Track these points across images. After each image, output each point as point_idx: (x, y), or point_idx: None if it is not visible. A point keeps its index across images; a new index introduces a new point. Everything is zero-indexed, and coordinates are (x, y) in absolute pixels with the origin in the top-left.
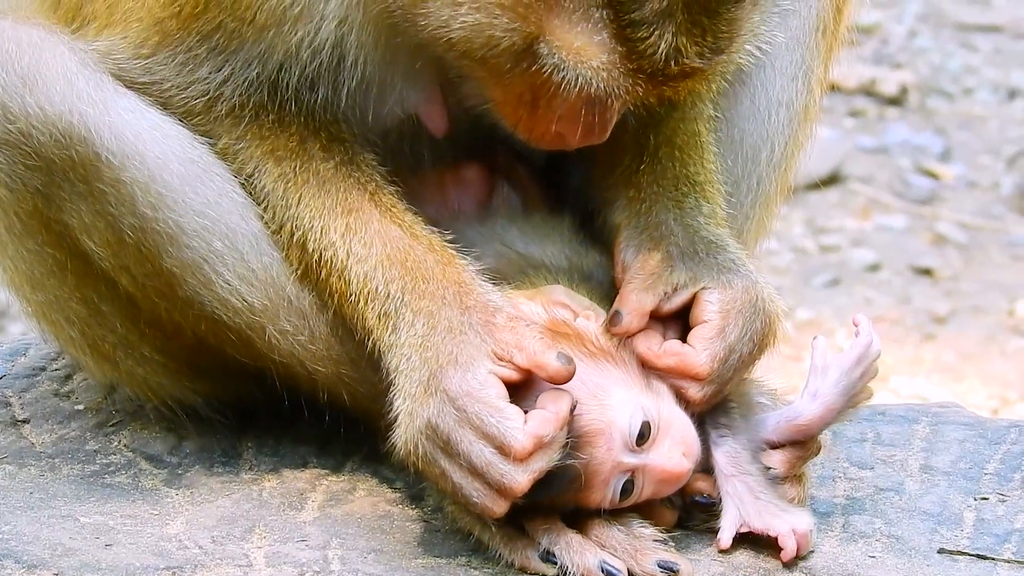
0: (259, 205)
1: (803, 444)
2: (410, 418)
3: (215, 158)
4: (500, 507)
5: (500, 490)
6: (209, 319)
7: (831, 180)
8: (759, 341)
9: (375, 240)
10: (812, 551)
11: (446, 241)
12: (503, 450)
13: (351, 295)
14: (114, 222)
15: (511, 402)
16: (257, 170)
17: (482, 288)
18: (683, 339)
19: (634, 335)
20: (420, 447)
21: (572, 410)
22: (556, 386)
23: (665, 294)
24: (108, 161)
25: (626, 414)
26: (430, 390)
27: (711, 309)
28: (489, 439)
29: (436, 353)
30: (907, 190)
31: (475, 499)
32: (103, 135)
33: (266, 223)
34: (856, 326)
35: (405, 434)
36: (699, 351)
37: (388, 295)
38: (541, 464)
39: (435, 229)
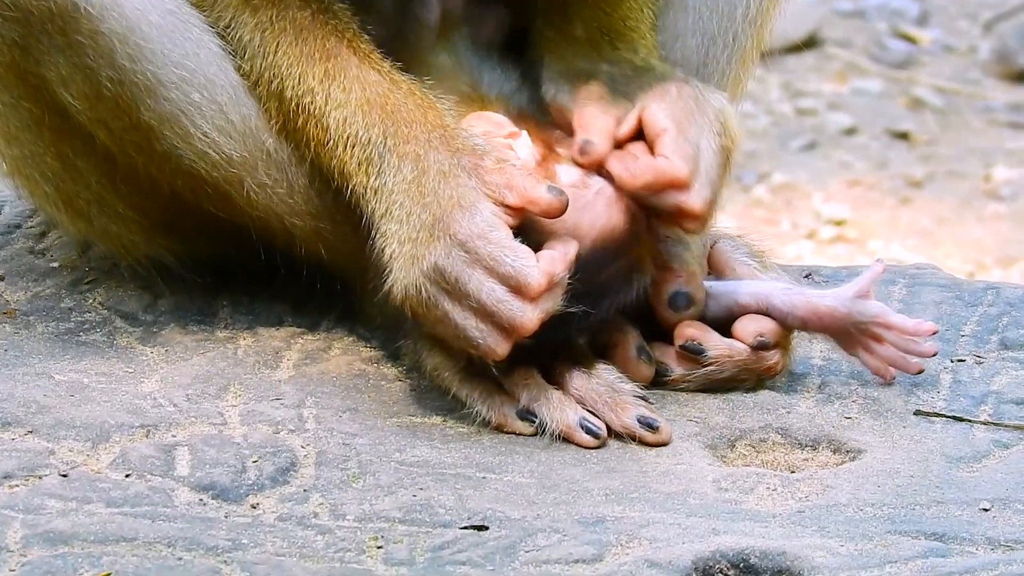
0: (237, 57)
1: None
2: (412, 261)
3: (192, 9)
4: (504, 348)
5: (509, 328)
6: (186, 173)
7: (808, 43)
8: (719, 129)
9: (354, 85)
10: None
11: (425, 88)
12: (517, 289)
13: (329, 141)
14: (92, 75)
15: None
16: (234, 20)
17: (466, 132)
18: None
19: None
20: (423, 291)
21: (577, 256)
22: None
23: (616, 119)
24: (87, 12)
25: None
26: (436, 234)
27: (660, 119)
28: (503, 278)
29: (436, 198)
30: (884, 54)
31: (479, 340)
32: None
33: (244, 74)
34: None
35: (406, 278)
36: (669, 156)
37: (369, 140)
38: (549, 304)
39: (414, 77)
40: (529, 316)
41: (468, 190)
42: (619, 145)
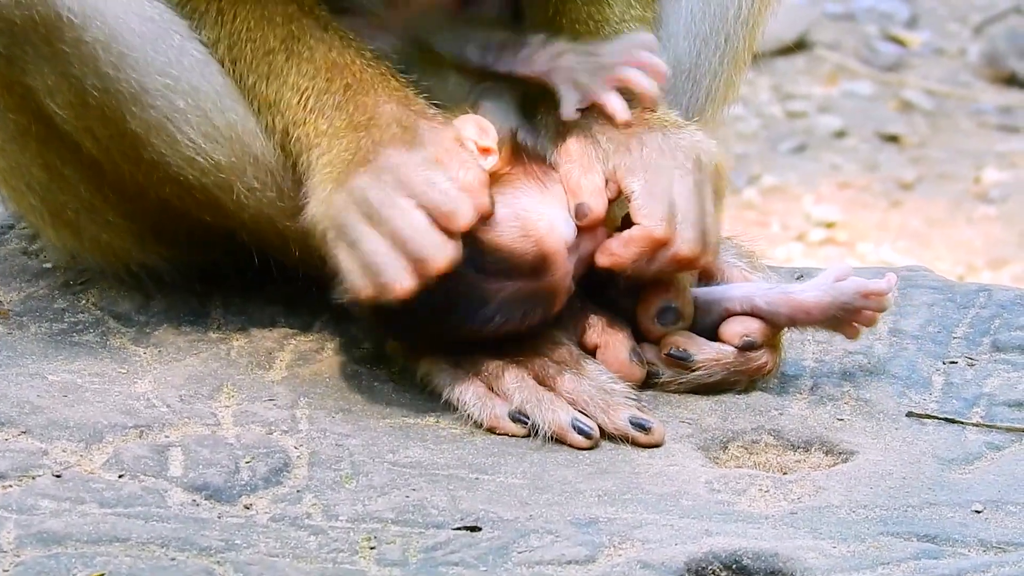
0: (196, 28)
1: (773, 321)
2: (337, 184)
3: (173, 15)
4: (407, 283)
5: (420, 261)
6: (174, 181)
7: (798, 46)
8: (692, 166)
9: (319, 45)
10: None
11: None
12: (443, 217)
13: (283, 97)
14: (77, 83)
15: None
16: None
17: (425, 104)
18: None
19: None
20: (341, 214)
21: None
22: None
23: (601, 175)
24: (69, 21)
25: (560, 227)
26: (369, 159)
27: (628, 182)
28: (432, 210)
29: (381, 133)
30: (874, 57)
31: (383, 268)
32: None
33: (225, 69)
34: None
35: (328, 200)
36: (642, 221)
37: (328, 90)
38: (456, 254)
39: (375, 48)
40: (444, 252)
41: (414, 133)
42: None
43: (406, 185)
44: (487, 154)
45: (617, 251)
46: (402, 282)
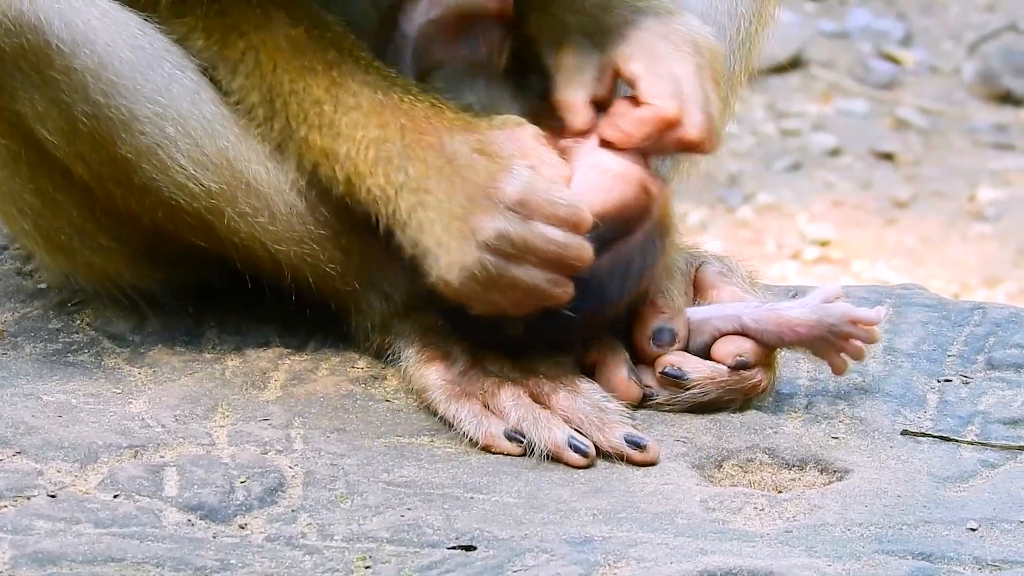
0: (227, 81)
1: (762, 340)
2: (464, 240)
3: (164, 44)
4: (570, 288)
5: (573, 266)
6: (166, 205)
7: (792, 64)
8: (691, 49)
9: (363, 89)
10: None
11: (432, 95)
12: (574, 226)
13: (339, 148)
14: (67, 110)
15: None
16: (223, 44)
17: (488, 120)
18: None
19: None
20: (487, 266)
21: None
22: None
23: (595, 79)
24: (59, 49)
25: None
26: (484, 204)
27: (630, 67)
28: (561, 221)
29: (473, 172)
30: (868, 75)
31: (551, 290)
32: (53, 23)
33: (236, 99)
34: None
35: (462, 260)
36: (651, 101)
37: (385, 138)
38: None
39: (419, 83)
40: (588, 247)
41: (499, 153)
42: (607, 103)
43: (534, 211)
44: None
45: (624, 128)
46: (569, 289)
